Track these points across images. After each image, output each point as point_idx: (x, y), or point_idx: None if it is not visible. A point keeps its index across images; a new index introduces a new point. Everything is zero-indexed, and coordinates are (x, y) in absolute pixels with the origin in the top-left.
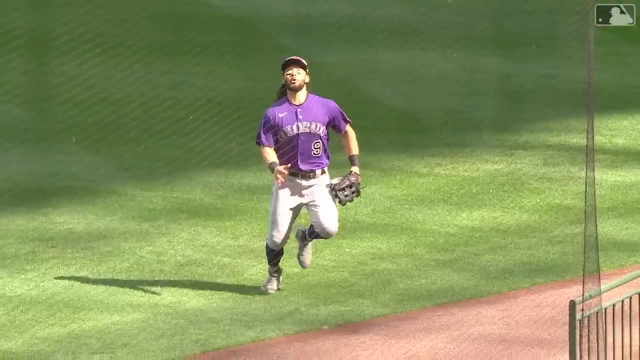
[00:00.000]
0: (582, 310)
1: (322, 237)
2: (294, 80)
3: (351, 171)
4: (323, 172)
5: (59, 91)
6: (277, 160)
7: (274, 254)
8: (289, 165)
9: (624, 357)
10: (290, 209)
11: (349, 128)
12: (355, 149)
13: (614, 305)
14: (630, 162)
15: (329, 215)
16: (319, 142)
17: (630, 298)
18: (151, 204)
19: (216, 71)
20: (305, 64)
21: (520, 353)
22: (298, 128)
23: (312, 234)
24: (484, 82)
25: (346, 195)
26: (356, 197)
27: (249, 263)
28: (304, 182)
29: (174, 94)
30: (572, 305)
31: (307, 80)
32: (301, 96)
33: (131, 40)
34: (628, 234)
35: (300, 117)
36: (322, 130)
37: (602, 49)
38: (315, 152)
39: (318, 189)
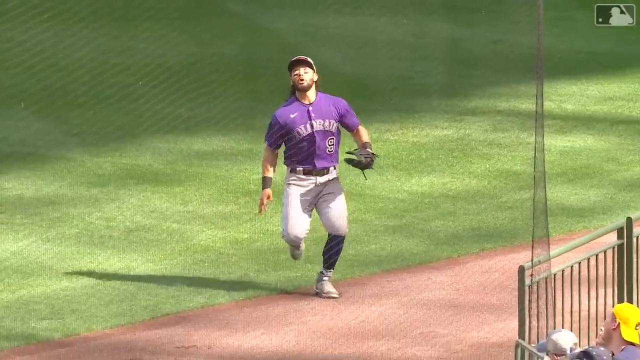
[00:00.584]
0: (532, 275)
1: (330, 259)
2: (302, 80)
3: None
4: (335, 168)
5: (6, 56)
6: (271, 176)
7: (296, 251)
8: (302, 168)
9: (573, 322)
10: (304, 203)
11: (361, 127)
12: (367, 139)
13: (563, 271)
14: (579, 128)
15: (338, 214)
16: (333, 138)
17: (580, 263)
18: (100, 169)
19: (165, 36)
20: (312, 62)
21: (470, 318)
22: (312, 127)
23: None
24: (433, 48)
25: (361, 154)
26: (372, 159)
27: (198, 229)
28: (318, 179)
29: (123, 59)
30: (522, 270)
31: (315, 78)
32: (311, 95)
33: (79, 5)
34: (577, 200)
35: (313, 115)
36: (334, 127)
37: (551, 14)
38: (330, 150)
39: (330, 185)
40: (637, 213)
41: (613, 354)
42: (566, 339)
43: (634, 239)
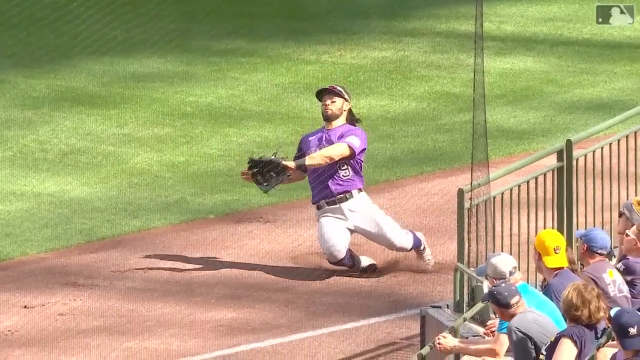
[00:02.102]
0: (471, 198)
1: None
2: (327, 110)
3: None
4: (360, 190)
5: None
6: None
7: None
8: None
9: (512, 245)
10: (337, 223)
11: (340, 145)
12: (315, 156)
13: (502, 194)
14: (518, 49)
15: (390, 235)
16: (345, 164)
17: (519, 186)
18: (34, 91)
19: None
20: (342, 91)
21: None
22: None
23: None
24: None
25: (264, 177)
26: (274, 178)
27: (133, 152)
28: (343, 205)
29: None
30: (461, 193)
31: (345, 107)
32: (336, 123)
33: None
34: (516, 122)
35: (324, 142)
36: None
37: None
38: (345, 174)
39: (362, 212)
40: (577, 135)
41: (546, 281)
42: (505, 262)
43: (574, 162)
